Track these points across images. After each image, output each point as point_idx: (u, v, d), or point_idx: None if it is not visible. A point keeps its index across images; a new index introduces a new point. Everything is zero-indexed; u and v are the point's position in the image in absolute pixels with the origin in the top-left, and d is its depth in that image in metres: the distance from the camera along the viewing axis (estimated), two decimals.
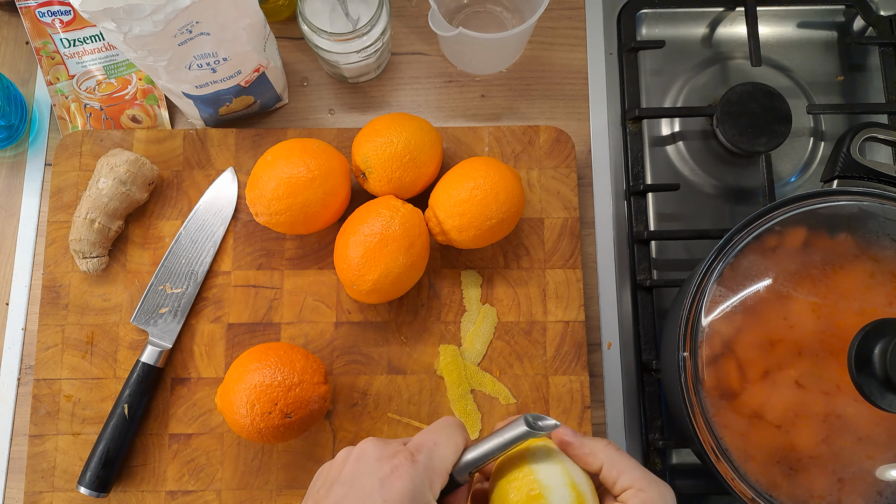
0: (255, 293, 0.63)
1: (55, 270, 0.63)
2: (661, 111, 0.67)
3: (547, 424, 0.39)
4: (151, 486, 0.59)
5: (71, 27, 0.67)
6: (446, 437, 0.41)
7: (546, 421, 0.39)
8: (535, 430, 0.39)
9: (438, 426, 0.42)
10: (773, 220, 0.49)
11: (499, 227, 0.58)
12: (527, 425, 0.39)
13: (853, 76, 0.70)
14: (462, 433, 0.42)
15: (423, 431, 0.42)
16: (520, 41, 0.67)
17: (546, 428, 0.39)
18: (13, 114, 0.64)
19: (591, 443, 0.42)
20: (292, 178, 0.56)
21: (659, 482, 0.40)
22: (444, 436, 0.41)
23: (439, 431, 0.41)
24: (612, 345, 0.64)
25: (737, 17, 0.70)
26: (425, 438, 0.41)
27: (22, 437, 0.62)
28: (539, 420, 0.39)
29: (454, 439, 0.41)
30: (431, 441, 0.40)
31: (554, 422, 0.39)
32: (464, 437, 0.41)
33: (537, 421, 0.39)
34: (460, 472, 0.41)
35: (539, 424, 0.39)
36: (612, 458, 0.41)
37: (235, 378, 0.54)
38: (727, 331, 0.48)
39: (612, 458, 0.41)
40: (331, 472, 0.41)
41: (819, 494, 0.45)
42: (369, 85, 0.69)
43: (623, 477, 0.40)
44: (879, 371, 0.41)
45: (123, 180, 0.60)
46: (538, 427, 0.39)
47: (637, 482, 0.40)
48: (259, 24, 0.56)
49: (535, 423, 0.39)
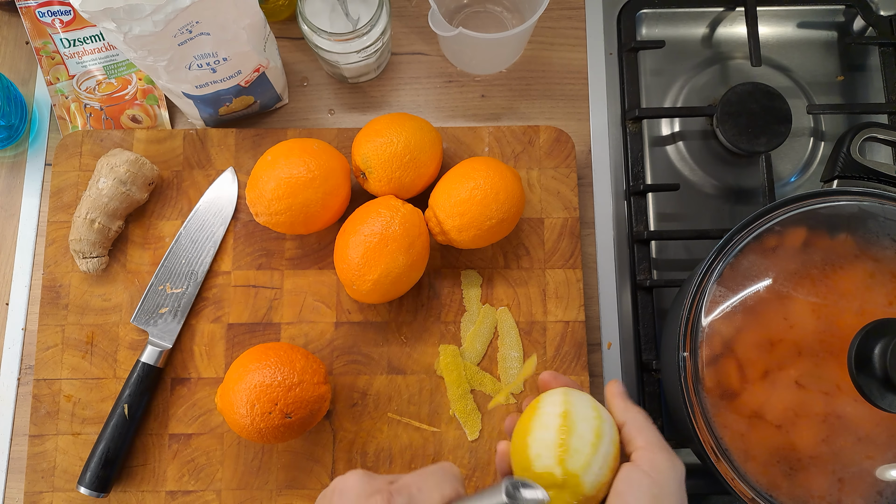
0: (255, 293, 0.63)
1: (55, 270, 0.63)
2: (661, 111, 0.67)
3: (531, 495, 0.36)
4: (151, 486, 0.59)
5: (71, 27, 0.67)
6: (433, 485, 0.39)
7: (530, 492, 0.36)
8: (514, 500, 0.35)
9: (430, 471, 0.40)
10: (773, 220, 0.49)
11: (499, 227, 0.58)
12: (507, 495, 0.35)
13: (853, 76, 0.70)
14: (452, 484, 0.39)
15: (415, 473, 0.40)
16: (520, 41, 0.67)
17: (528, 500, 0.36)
18: (13, 114, 0.64)
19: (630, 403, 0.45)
20: (292, 178, 0.56)
21: (672, 453, 0.42)
22: (431, 483, 0.39)
23: (428, 478, 0.39)
24: (612, 345, 0.64)
25: (737, 17, 0.70)
26: (411, 481, 0.39)
27: (22, 437, 0.62)
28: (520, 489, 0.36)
29: (441, 489, 0.39)
30: (416, 486, 0.39)
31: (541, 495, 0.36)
32: (454, 488, 0.39)
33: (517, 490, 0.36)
34: None
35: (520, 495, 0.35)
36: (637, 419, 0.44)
37: (235, 378, 0.54)
38: (727, 331, 0.48)
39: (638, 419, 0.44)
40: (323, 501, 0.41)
41: (819, 494, 0.45)
42: (369, 85, 0.69)
43: (640, 437, 0.43)
44: (879, 371, 0.41)
45: (123, 180, 0.60)
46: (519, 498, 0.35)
47: (650, 444, 0.42)
48: (259, 24, 0.56)
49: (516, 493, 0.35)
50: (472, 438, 0.60)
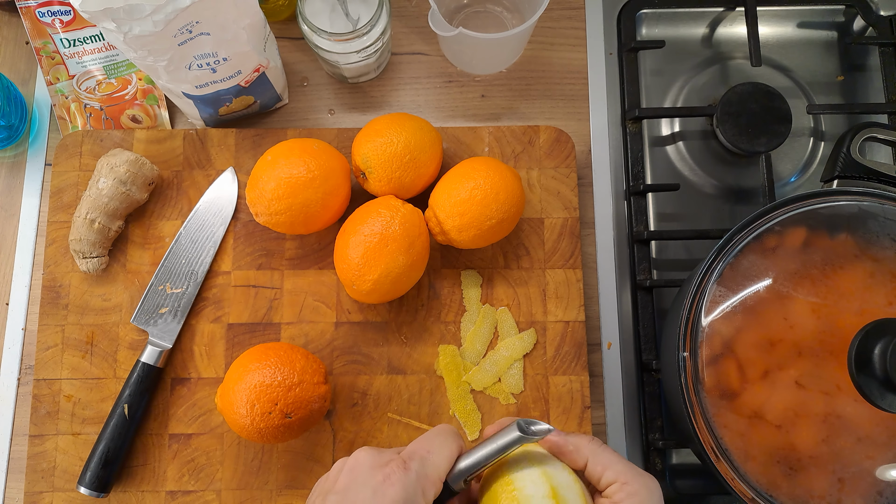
0: (255, 293, 0.63)
1: (55, 270, 0.63)
2: (661, 111, 0.67)
3: (540, 429, 0.39)
4: (151, 486, 0.59)
5: (71, 27, 0.67)
6: (440, 445, 0.41)
7: (538, 425, 0.39)
8: (527, 434, 0.39)
9: (433, 434, 0.42)
10: (773, 220, 0.49)
11: (499, 227, 0.58)
12: (519, 430, 0.39)
13: (853, 76, 0.70)
14: (456, 441, 0.41)
15: (417, 439, 0.42)
16: (520, 41, 0.67)
17: (539, 433, 0.39)
18: (13, 114, 0.64)
19: (575, 439, 0.42)
20: (292, 178, 0.56)
21: (643, 474, 0.40)
22: (437, 443, 0.41)
23: (433, 439, 0.41)
24: (612, 345, 0.64)
25: (737, 17, 0.70)
26: (419, 447, 0.41)
27: (22, 437, 0.62)
28: (531, 425, 0.39)
29: (448, 447, 0.41)
30: (425, 449, 0.40)
31: (547, 426, 0.39)
32: (458, 444, 0.41)
33: (529, 426, 0.39)
34: (455, 480, 0.40)
35: (531, 429, 0.39)
36: (595, 453, 0.41)
37: (235, 378, 0.54)
38: (727, 331, 0.48)
39: (596, 454, 0.41)
40: (326, 483, 0.41)
41: (819, 494, 0.45)
42: (369, 85, 0.69)
43: (608, 472, 0.40)
44: (879, 371, 0.41)
45: (123, 180, 0.60)
46: (531, 432, 0.39)
47: (621, 475, 0.40)
48: (259, 24, 0.56)
49: (528, 427, 0.39)
50: (473, 438, 0.60)
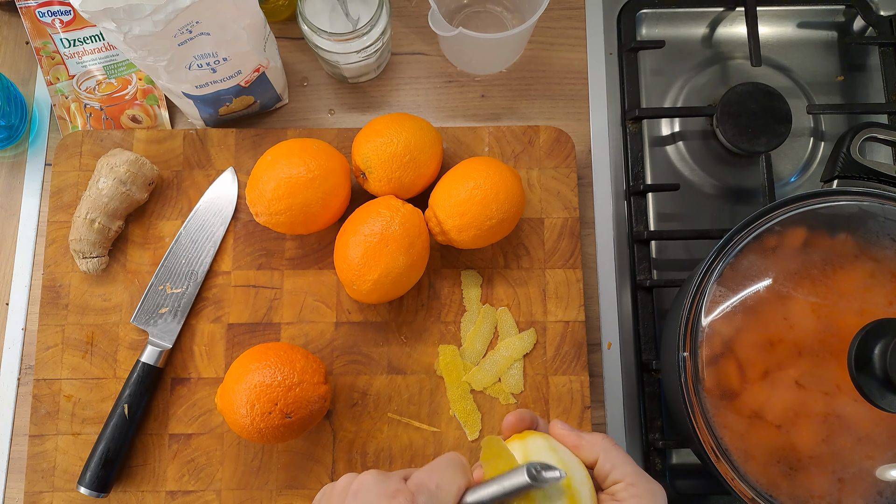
0: (255, 293, 0.63)
1: (55, 270, 0.63)
2: (661, 111, 0.67)
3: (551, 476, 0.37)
4: (151, 486, 0.59)
5: (71, 27, 0.67)
6: (449, 479, 0.40)
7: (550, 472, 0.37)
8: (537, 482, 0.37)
9: (442, 465, 0.41)
10: (773, 220, 0.49)
11: (499, 227, 0.58)
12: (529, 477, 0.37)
13: (853, 76, 0.70)
14: (465, 475, 0.41)
15: (425, 469, 0.41)
16: (520, 41, 0.67)
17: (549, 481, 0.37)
18: (13, 114, 0.64)
19: (588, 436, 0.42)
20: (292, 178, 0.56)
21: (651, 480, 0.41)
22: (447, 477, 0.40)
23: (442, 471, 0.40)
24: (612, 345, 0.64)
25: (737, 17, 0.71)
26: (427, 478, 0.40)
27: (22, 437, 0.62)
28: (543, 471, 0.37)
29: (456, 481, 0.40)
30: (433, 482, 0.39)
31: (557, 474, 0.38)
32: (466, 478, 0.40)
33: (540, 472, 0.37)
34: None
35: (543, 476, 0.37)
36: (607, 451, 0.41)
37: (235, 378, 0.54)
38: (727, 331, 0.48)
39: (608, 452, 0.41)
40: (332, 499, 0.41)
41: (819, 494, 0.45)
42: (369, 85, 0.69)
43: (616, 470, 0.41)
44: (879, 371, 0.41)
45: (123, 180, 0.60)
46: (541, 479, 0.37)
47: (628, 476, 0.40)
48: (259, 24, 0.56)
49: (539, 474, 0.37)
50: (473, 438, 0.60)
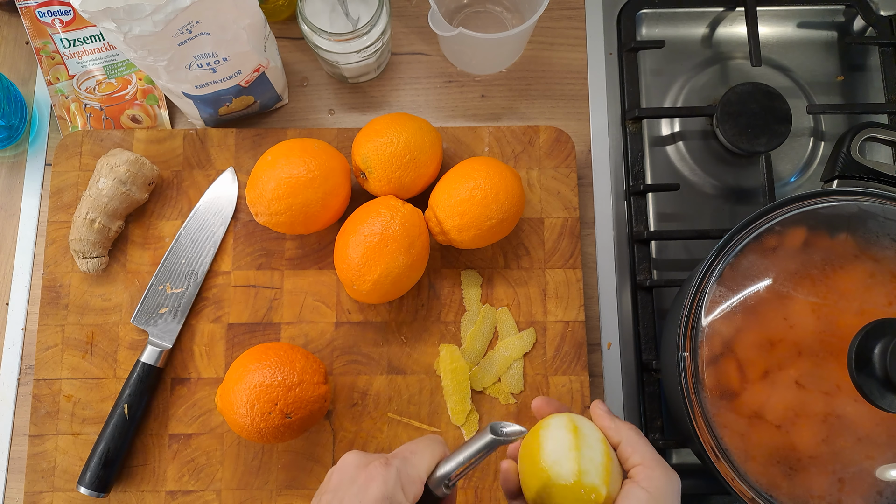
0: (255, 293, 0.63)
1: (55, 270, 0.63)
2: (661, 111, 0.67)
3: (513, 430, 0.41)
4: (151, 486, 0.59)
5: (71, 27, 0.67)
6: (423, 448, 0.43)
7: (511, 427, 0.41)
8: (500, 436, 0.40)
9: (418, 440, 0.44)
10: (773, 220, 0.49)
11: (499, 227, 0.58)
12: (493, 433, 0.40)
13: (853, 76, 0.70)
14: (440, 446, 0.44)
15: (403, 444, 0.44)
16: (520, 41, 0.67)
17: (512, 434, 0.40)
18: (13, 114, 0.64)
19: (619, 422, 0.46)
20: (292, 178, 0.56)
21: (668, 468, 0.43)
22: (420, 446, 0.43)
23: (417, 443, 0.44)
24: (612, 345, 0.64)
25: (737, 17, 0.70)
26: (402, 448, 0.44)
27: (22, 437, 0.62)
28: (504, 427, 0.41)
29: (430, 450, 0.43)
30: (408, 450, 0.43)
31: (519, 428, 0.41)
32: (441, 450, 0.44)
33: (502, 428, 0.41)
34: (436, 485, 0.42)
35: (504, 431, 0.40)
36: (631, 437, 0.44)
37: (235, 378, 0.54)
38: (727, 331, 0.48)
39: (631, 437, 0.44)
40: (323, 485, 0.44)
41: (819, 494, 0.45)
42: (369, 85, 0.69)
43: (635, 455, 0.43)
44: (879, 371, 0.41)
45: (123, 180, 0.60)
46: (503, 434, 0.40)
47: (647, 461, 0.43)
48: (259, 24, 0.56)
49: (501, 430, 0.40)
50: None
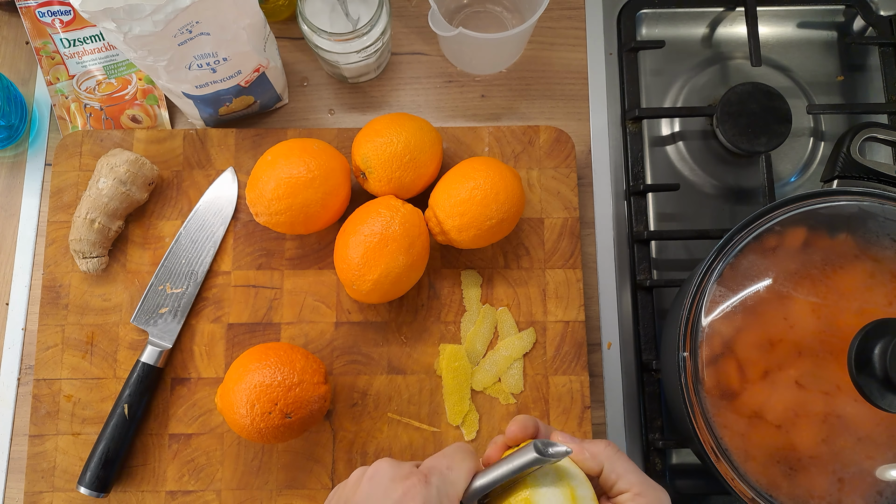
0: (255, 293, 0.63)
1: (55, 270, 0.63)
2: (661, 111, 0.67)
3: (557, 451, 0.38)
4: (151, 486, 0.59)
5: (71, 27, 0.67)
6: (459, 462, 0.41)
7: (556, 448, 0.39)
8: (545, 457, 0.38)
9: (451, 451, 0.42)
10: (773, 220, 0.49)
11: (499, 227, 0.58)
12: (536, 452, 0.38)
13: (853, 76, 0.70)
14: (474, 459, 0.42)
15: (435, 455, 0.42)
16: (520, 41, 0.67)
17: (557, 455, 0.38)
18: (13, 114, 0.64)
19: (591, 445, 0.42)
20: (292, 178, 0.56)
21: (657, 487, 0.41)
22: (457, 460, 0.41)
23: (452, 456, 0.41)
24: (612, 345, 0.64)
25: (737, 17, 0.71)
26: (438, 462, 0.41)
27: (22, 437, 0.62)
28: (549, 447, 0.39)
29: (466, 464, 0.41)
30: (444, 465, 0.40)
31: (565, 448, 0.39)
32: (475, 462, 0.42)
33: (547, 448, 0.39)
34: (469, 500, 0.40)
35: (549, 451, 0.38)
36: (611, 460, 0.41)
37: (235, 378, 0.54)
38: (727, 331, 0.48)
39: (612, 461, 0.41)
40: (345, 491, 0.42)
41: (819, 494, 0.45)
42: (369, 85, 0.69)
43: (621, 480, 0.40)
44: (879, 371, 0.41)
45: (123, 180, 0.60)
46: (548, 454, 0.38)
47: (635, 486, 0.40)
48: (259, 24, 0.56)
49: (546, 449, 0.38)
50: (470, 438, 0.60)
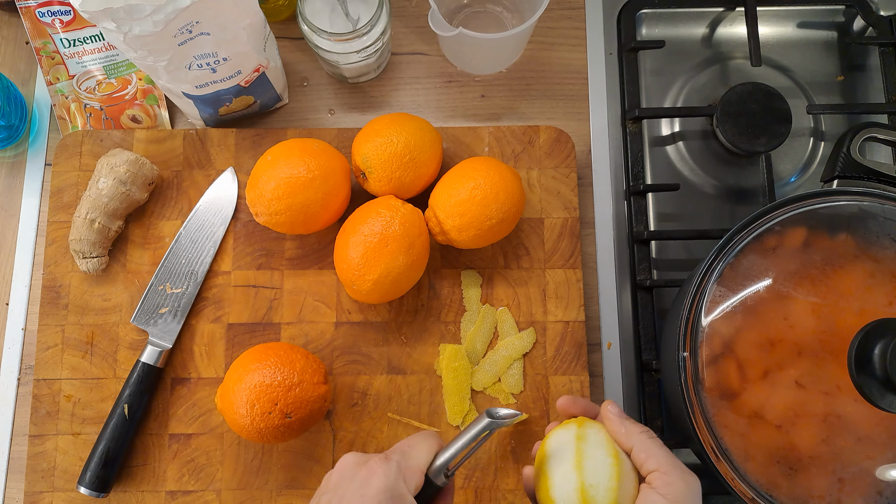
0: (255, 293, 0.63)
1: (55, 270, 0.63)
2: (661, 111, 0.67)
3: (508, 413, 0.43)
4: (151, 486, 0.59)
5: (71, 27, 0.67)
6: (419, 441, 0.45)
7: (506, 411, 0.44)
8: (496, 420, 0.43)
9: (413, 436, 0.46)
10: (773, 220, 0.49)
11: (499, 227, 0.58)
12: (489, 416, 0.43)
13: (853, 76, 0.70)
14: (436, 439, 0.46)
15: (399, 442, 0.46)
16: (520, 41, 0.67)
17: (507, 416, 0.43)
18: (13, 114, 0.64)
19: (630, 425, 0.45)
20: (292, 178, 0.56)
21: (686, 471, 0.43)
22: (417, 440, 0.45)
23: (413, 438, 0.45)
24: (612, 345, 0.64)
25: (737, 17, 0.70)
26: (400, 444, 0.45)
27: (22, 437, 0.62)
28: (500, 411, 0.43)
29: (427, 443, 0.45)
30: (405, 445, 0.45)
31: (514, 411, 0.44)
32: (438, 442, 0.45)
33: (498, 412, 0.43)
34: (436, 474, 0.44)
35: (500, 414, 0.43)
36: (643, 441, 0.44)
37: (235, 378, 0.54)
38: (727, 331, 0.48)
39: (644, 442, 0.44)
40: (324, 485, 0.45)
41: (819, 494, 0.45)
42: (369, 85, 0.69)
43: (651, 460, 0.43)
44: (879, 371, 0.41)
45: (123, 180, 0.60)
46: (500, 417, 0.43)
47: (663, 466, 0.42)
48: (259, 24, 0.56)
49: (496, 414, 0.43)
50: None
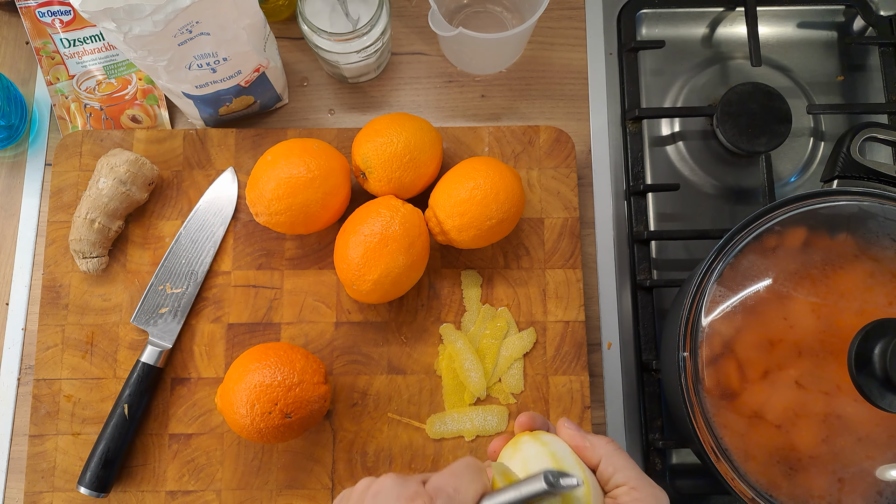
0: (255, 293, 0.63)
1: (55, 270, 0.63)
2: (661, 111, 0.67)
3: (568, 483, 0.38)
4: (151, 486, 0.59)
5: (71, 27, 0.67)
6: (467, 484, 0.39)
7: (567, 479, 0.38)
8: (555, 488, 0.37)
9: (459, 469, 0.40)
10: (773, 220, 0.49)
11: (499, 227, 0.58)
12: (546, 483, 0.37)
13: (853, 76, 0.70)
14: (482, 480, 0.40)
15: (443, 473, 0.40)
16: (520, 41, 0.67)
17: (566, 487, 0.37)
18: (13, 114, 0.64)
19: (593, 438, 0.43)
20: (292, 178, 0.56)
21: (653, 485, 0.41)
22: (464, 482, 0.39)
23: (460, 476, 0.39)
24: (612, 345, 0.64)
25: (737, 17, 0.71)
26: (445, 483, 0.39)
27: (22, 437, 0.62)
28: (560, 478, 0.38)
29: (474, 486, 0.39)
30: (451, 486, 0.39)
31: (575, 481, 0.38)
32: (484, 483, 0.40)
33: (558, 479, 0.38)
34: None
35: (560, 483, 0.37)
36: (610, 454, 0.42)
37: (235, 378, 0.54)
38: (727, 331, 0.48)
39: (611, 455, 0.42)
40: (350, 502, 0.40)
41: (819, 494, 0.45)
42: (369, 85, 0.69)
43: (618, 474, 0.41)
44: (879, 371, 0.41)
45: (123, 180, 0.60)
46: (559, 486, 0.37)
47: (631, 481, 0.40)
48: (259, 24, 0.56)
49: (556, 481, 0.37)
50: (470, 439, 0.60)
